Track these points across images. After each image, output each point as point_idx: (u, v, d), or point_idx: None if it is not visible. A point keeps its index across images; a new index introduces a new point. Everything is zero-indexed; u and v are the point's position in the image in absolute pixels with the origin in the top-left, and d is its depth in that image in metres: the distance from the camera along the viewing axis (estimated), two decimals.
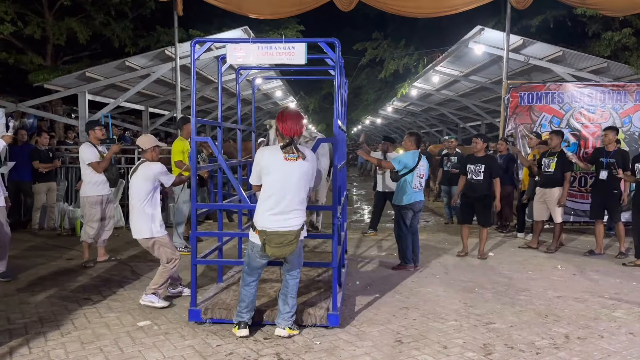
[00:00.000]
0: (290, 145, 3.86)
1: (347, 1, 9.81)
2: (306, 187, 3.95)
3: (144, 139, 5.20)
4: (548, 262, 7.03)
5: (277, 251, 3.88)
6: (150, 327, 4.43)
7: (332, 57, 4.26)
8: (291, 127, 3.87)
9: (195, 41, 4.35)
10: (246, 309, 4.16)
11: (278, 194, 3.86)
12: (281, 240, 3.85)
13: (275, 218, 3.85)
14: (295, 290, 4.18)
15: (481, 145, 7.21)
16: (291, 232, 3.87)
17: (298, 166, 3.88)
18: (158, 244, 4.96)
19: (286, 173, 3.85)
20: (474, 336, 4.27)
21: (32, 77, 10.56)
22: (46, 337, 4.19)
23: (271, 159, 3.89)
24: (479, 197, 7.10)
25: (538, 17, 12.86)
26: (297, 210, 3.91)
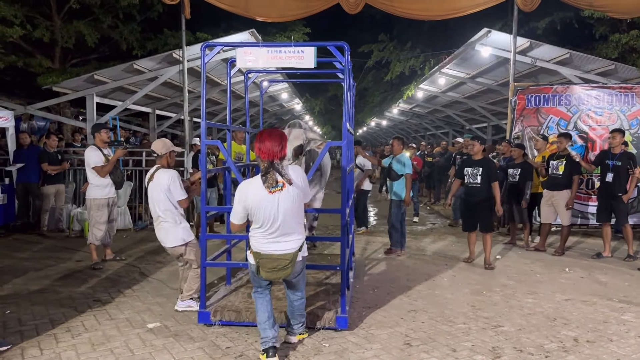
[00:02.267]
0: (269, 172, 3.48)
1: (354, 4, 9.84)
2: (299, 210, 3.66)
3: (158, 144, 5.01)
4: (555, 264, 7.01)
5: (270, 275, 3.62)
6: (160, 328, 4.46)
7: (341, 60, 4.28)
8: (270, 148, 3.48)
9: (205, 45, 4.37)
10: (268, 322, 3.81)
11: (269, 224, 3.57)
12: (274, 265, 3.58)
13: (268, 241, 3.60)
14: (302, 308, 4.03)
15: (478, 148, 6.94)
16: (286, 255, 3.58)
17: (285, 195, 3.54)
18: (190, 248, 4.85)
19: (274, 206, 3.53)
20: (482, 339, 4.27)
21: (41, 80, 10.64)
22: (57, 338, 4.23)
23: (256, 198, 3.54)
24: (479, 202, 6.83)
25: (545, 20, 12.83)
26: (292, 233, 3.63)
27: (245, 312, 4.46)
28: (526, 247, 8.05)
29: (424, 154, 14.93)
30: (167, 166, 4.94)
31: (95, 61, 13.37)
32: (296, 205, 3.61)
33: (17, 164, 9.13)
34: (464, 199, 7.16)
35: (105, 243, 6.87)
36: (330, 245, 7.91)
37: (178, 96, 14.37)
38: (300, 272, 3.81)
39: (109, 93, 11.99)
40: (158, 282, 5.98)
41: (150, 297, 5.37)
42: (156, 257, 7.24)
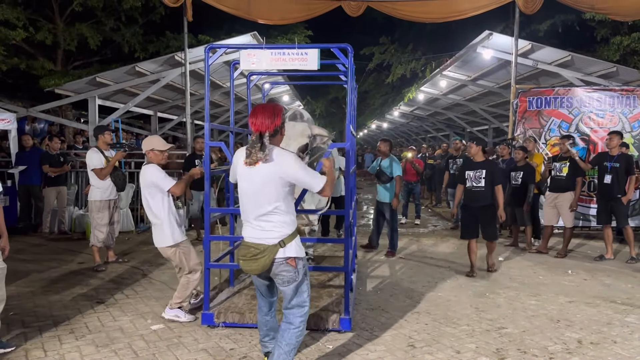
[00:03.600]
0: (255, 146, 3.13)
1: (356, 7, 9.91)
2: (274, 195, 3.14)
3: (145, 141, 4.85)
4: (558, 267, 7.01)
5: (243, 264, 3.24)
6: (164, 330, 4.46)
7: (345, 62, 4.29)
8: (262, 121, 3.13)
9: (209, 47, 4.39)
10: (267, 337, 3.59)
11: (241, 200, 3.30)
12: (245, 253, 3.21)
13: (247, 226, 3.28)
14: (287, 340, 3.26)
15: (475, 149, 6.47)
16: (257, 244, 3.16)
17: (257, 172, 3.14)
18: (180, 250, 4.68)
19: (245, 179, 3.22)
20: (486, 341, 4.27)
21: (43, 82, 10.68)
22: (61, 340, 4.23)
23: (237, 160, 3.30)
24: (481, 207, 6.35)
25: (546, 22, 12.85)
26: (268, 222, 3.17)
27: (248, 313, 4.46)
28: (528, 250, 8.04)
29: (425, 156, 14.93)
30: (156, 162, 4.71)
31: (98, 64, 13.42)
32: (268, 187, 3.13)
33: (19, 166, 9.15)
34: (465, 204, 6.60)
35: (107, 245, 6.87)
36: (333, 247, 7.91)
37: (180, 98, 14.42)
38: (287, 280, 3.21)
39: (110, 95, 12.03)
40: (161, 284, 5.98)
41: (153, 299, 5.37)
42: (159, 259, 7.23)
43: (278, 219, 3.18)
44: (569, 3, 9.25)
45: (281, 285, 3.26)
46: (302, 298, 3.31)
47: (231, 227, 5.34)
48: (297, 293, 3.28)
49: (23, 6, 10.82)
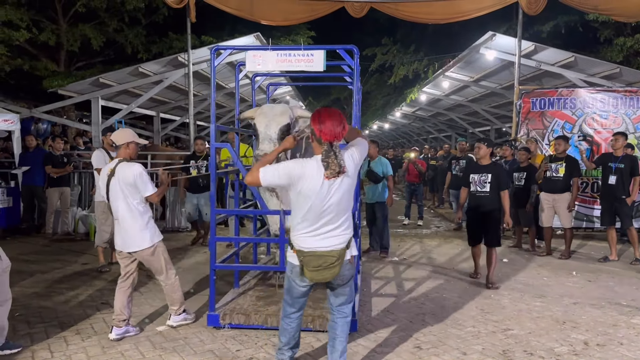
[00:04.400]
0: (330, 157, 3.04)
1: (359, 7, 9.92)
2: (349, 202, 3.22)
3: (117, 134, 4.53)
4: (562, 268, 7.00)
5: (316, 275, 3.17)
6: (170, 331, 4.46)
7: (351, 63, 4.29)
8: (331, 129, 3.03)
9: (215, 49, 4.39)
10: (287, 346, 3.50)
11: (314, 218, 3.15)
12: (319, 263, 3.13)
13: (312, 237, 3.17)
14: (346, 332, 3.42)
15: (485, 151, 6.06)
16: (332, 252, 3.12)
17: (339, 185, 3.11)
18: (159, 249, 4.43)
19: (325, 196, 3.11)
20: (492, 342, 4.27)
21: (47, 83, 10.68)
22: (67, 341, 4.23)
23: (311, 186, 3.10)
24: (486, 212, 6.00)
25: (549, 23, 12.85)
26: (339, 228, 3.18)
27: (254, 315, 4.46)
28: (532, 251, 8.04)
29: (427, 157, 14.93)
30: (129, 159, 4.45)
31: (100, 64, 13.43)
32: (347, 196, 3.18)
33: (22, 167, 9.16)
34: (470, 209, 6.22)
35: (112, 246, 6.86)
36: None
37: (182, 99, 14.43)
38: (349, 278, 3.30)
39: (113, 96, 12.05)
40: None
41: (158, 300, 5.37)
42: None
43: (348, 224, 3.25)
44: (572, 4, 9.25)
45: (342, 286, 3.32)
46: (352, 290, 3.45)
47: (236, 228, 5.33)
48: (352, 288, 3.41)
49: (26, 7, 10.82)
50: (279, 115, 4.39)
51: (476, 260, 6.37)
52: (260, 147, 4.28)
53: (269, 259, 6.64)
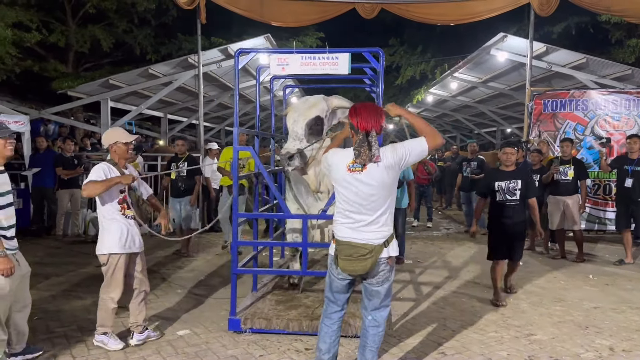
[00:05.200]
0: (363, 146, 3.01)
1: (370, 9, 9.85)
2: (386, 199, 3.12)
3: (104, 136, 4.30)
4: (578, 271, 6.95)
5: (347, 265, 3.13)
6: (190, 336, 4.43)
7: (376, 66, 4.26)
8: (367, 119, 3.02)
9: (239, 51, 4.35)
10: (327, 354, 3.36)
11: (346, 209, 3.16)
12: (351, 252, 3.10)
13: (348, 227, 3.15)
14: (377, 343, 3.35)
15: (514, 157, 5.51)
16: (366, 245, 3.09)
17: (364, 178, 3.05)
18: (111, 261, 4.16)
19: (351, 187, 3.10)
20: (517, 348, 4.23)
21: (56, 84, 10.67)
22: (87, 345, 4.20)
23: (338, 165, 3.15)
24: (516, 224, 5.37)
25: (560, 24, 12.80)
26: (375, 223, 3.11)
27: (275, 319, 4.42)
28: (545, 254, 7.99)
29: (435, 158, 14.88)
30: (118, 161, 4.14)
31: (109, 65, 13.41)
32: (381, 191, 3.09)
33: (33, 169, 9.14)
34: (495, 221, 5.47)
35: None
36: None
37: (189, 100, 14.41)
38: (384, 279, 3.20)
39: (122, 97, 12.03)
40: (181, 288, 5.96)
41: (175, 304, 5.35)
42: (175, 262, 7.24)
43: (385, 219, 3.15)
44: (585, 5, 9.18)
45: (376, 285, 3.23)
46: (390, 297, 3.35)
47: (255, 232, 5.29)
48: (388, 292, 3.29)
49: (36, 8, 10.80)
50: (308, 109, 4.13)
51: (498, 282, 5.51)
52: (285, 146, 4.09)
53: (284, 263, 6.62)
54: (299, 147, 3.99)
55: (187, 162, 7.71)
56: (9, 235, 3.62)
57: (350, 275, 3.23)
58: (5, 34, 8.48)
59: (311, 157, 4.18)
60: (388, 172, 3.09)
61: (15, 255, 3.72)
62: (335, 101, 4.28)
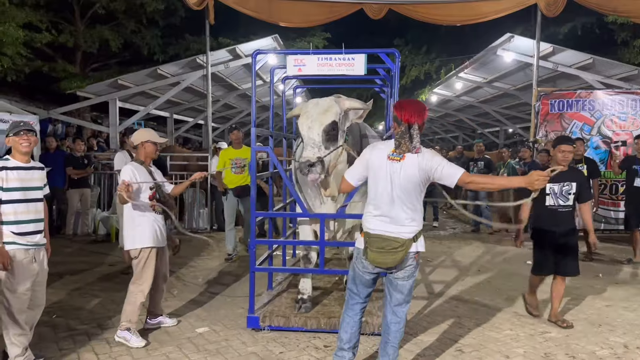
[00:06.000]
0: (404, 137, 3.11)
1: (378, 9, 9.90)
2: (416, 196, 3.20)
3: (135, 134, 4.48)
4: (587, 270, 6.97)
5: (377, 257, 3.20)
6: (210, 333, 4.49)
7: (392, 67, 4.31)
8: (412, 112, 3.10)
9: (257, 52, 4.41)
10: (348, 344, 3.45)
11: (378, 199, 3.23)
12: (383, 245, 3.18)
13: (379, 220, 3.23)
14: (399, 338, 3.43)
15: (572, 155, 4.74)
16: (398, 238, 3.17)
17: (401, 167, 3.14)
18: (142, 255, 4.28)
19: (387, 176, 3.19)
20: (533, 346, 4.28)
21: (65, 85, 10.72)
22: (110, 343, 4.25)
23: (377, 155, 3.25)
24: (567, 232, 4.75)
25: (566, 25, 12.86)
26: (406, 218, 3.19)
27: (293, 317, 4.48)
28: None
29: None
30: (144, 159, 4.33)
31: (116, 66, 13.46)
32: (412, 187, 3.16)
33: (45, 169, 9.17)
34: (542, 229, 4.83)
35: None
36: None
37: (196, 100, 14.47)
38: (410, 274, 3.30)
39: (129, 98, 12.08)
40: (195, 286, 6.02)
41: (191, 302, 5.40)
42: (188, 261, 7.28)
43: (415, 214, 3.23)
44: (592, 6, 9.23)
45: (402, 280, 3.31)
46: (411, 294, 3.42)
47: (270, 231, 5.35)
48: (411, 288, 3.37)
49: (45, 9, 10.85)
50: (323, 114, 3.97)
51: (535, 296, 5.07)
52: (304, 155, 3.88)
53: (296, 261, 6.68)
54: (319, 155, 3.83)
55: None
56: (18, 231, 3.57)
57: (378, 268, 3.30)
58: (17, 35, 8.54)
59: (331, 166, 4.02)
60: (419, 172, 3.16)
61: (34, 252, 3.69)
62: (347, 103, 4.18)
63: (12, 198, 3.60)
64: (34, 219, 3.69)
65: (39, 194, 3.78)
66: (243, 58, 10.94)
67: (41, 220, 3.76)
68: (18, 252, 3.60)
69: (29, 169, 3.72)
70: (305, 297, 4.68)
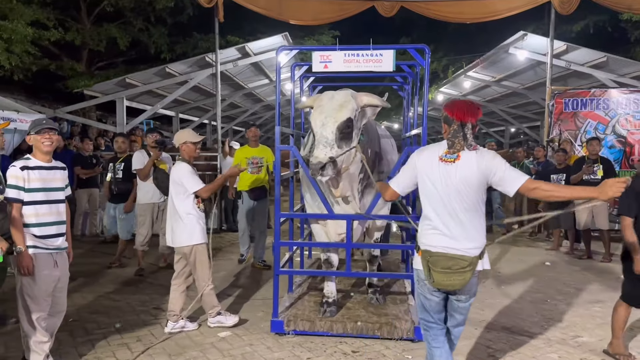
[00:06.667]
0: (457, 136, 2.82)
1: (389, 7, 9.80)
2: (479, 195, 2.84)
3: (176, 135, 4.74)
4: (608, 272, 6.89)
5: (443, 278, 2.81)
6: (233, 337, 4.36)
7: (422, 63, 4.18)
8: (464, 110, 2.83)
9: (281, 49, 4.28)
10: None
11: (436, 207, 2.87)
12: (449, 265, 2.79)
13: (439, 235, 2.85)
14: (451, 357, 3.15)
15: None
16: (464, 256, 2.79)
17: (457, 168, 2.81)
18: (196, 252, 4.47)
19: (440, 180, 2.84)
20: (567, 350, 4.16)
21: (72, 83, 10.59)
22: (130, 348, 4.13)
23: (426, 158, 2.93)
24: None
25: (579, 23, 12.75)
26: (469, 229, 2.83)
27: (319, 321, 4.36)
28: (571, 254, 7.93)
29: None
30: (188, 158, 4.59)
31: (123, 64, 13.32)
32: (470, 190, 2.80)
33: None
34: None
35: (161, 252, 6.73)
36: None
37: (201, 100, 14.35)
38: (472, 294, 2.96)
39: (136, 97, 11.95)
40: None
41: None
42: None
43: (479, 224, 2.87)
44: (606, 4, 9.13)
45: (464, 301, 2.96)
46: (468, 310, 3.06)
47: (290, 232, 5.22)
48: (469, 307, 3.04)
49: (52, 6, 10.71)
50: (338, 110, 3.70)
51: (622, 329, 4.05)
52: (315, 154, 3.62)
53: (312, 263, 6.55)
54: (331, 155, 3.58)
55: (124, 163, 6.90)
56: (40, 234, 3.44)
57: (443, 291, 2.95)
58: (26, 32, 8.39)
59: (344, 168, 3.80)
60: (478, 172, 2.81)
61: (55, 256, 3.57)
62: (365, 98, 3.89)
63: (34, 199, 3.44)
64: (56, 221, 3.55)
65: (60, 194, 3.64)
66: (252, 56, 10.81)
67: (63, 223, 3.63)
68: (40, 256, 3.46)
69: (51, 169, 3.59)
70: (330, 301, 4.55)
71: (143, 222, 6.59)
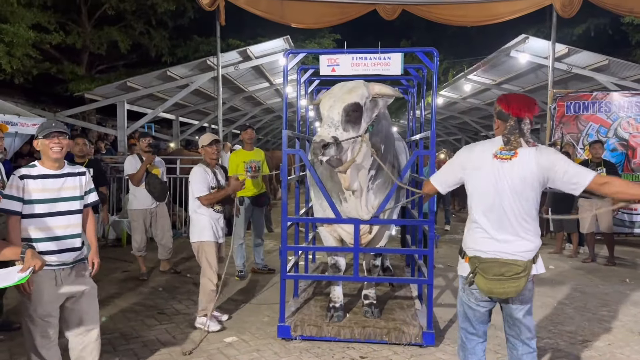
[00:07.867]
0: (514, 133, 2.64)
1: (391, 10, 9.78)
2: (535, 195, 2.68)
3: (200, 138, 4.98)
4: (612, 275, 6.87)
5: (496, 286, 2.63)
6: (239, 343, 4.32)
7: (430, 66, 4.16)
8: (521, 105, 2.68)
9: (288, 52, 4.26)
10: None
11: (486, 207, 2.70)
12: (502, 271, 2.62)
13: (491, 239, 2.68)
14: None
15: None
16: (517, 261, 2.62)
17: (513, 166, 2.64)
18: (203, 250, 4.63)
19: (495, 178, 2.67)
20: (576, 355, 4.14)
21: (73, 87, 10.56)
22: (136, 353, 4.09)
23: (478, 155, 2.76)
24: None
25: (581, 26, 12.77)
26: (523, 232, 2.67)
27: (326, 326, 4.32)
28: (574, 257, 7.91)
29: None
30: (209, 160, 4.78)
31: (123, 68, 13.29)
32: (529, 188, 2.64)
33: None
34: None
35: (162, 257, 6.67)
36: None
37: (202, 103, 14.32)
38: (530, 299, 2.77)
39: (136, 100, 11.91)
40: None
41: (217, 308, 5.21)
42: None
43: (533, 227, 2.70)
44: (608, 7, 9.12)
45: (520, 310, 2.78)
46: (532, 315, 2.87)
47: (296, 236, 5.19)
48: (531, 310, 2.85)
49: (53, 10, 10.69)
50: (346, 94, 3.61)
51: None
52: (318, 133, 3.55)
53: (316, 267, 6.51)
54: (335, 136, 3.45)
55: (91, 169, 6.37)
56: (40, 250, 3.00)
57: (494, 299, 2.78)
58: (28, 35, 8.35)
59: (351, 160, 3.64)
60: (537, 169, 2.63)
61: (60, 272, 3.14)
62: (377, 87, 3.75)
63: (33, 212, 3.07)
64: (63, 235, 3.14)
65: (74, 204, 3.22)
66: (253, 60, 10.79)
67: (74, 236, 3.20)
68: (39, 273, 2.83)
69: (59, 177, 3.18)
70: (337, 306, 4.51)
71: (136, 227, 6.48)
